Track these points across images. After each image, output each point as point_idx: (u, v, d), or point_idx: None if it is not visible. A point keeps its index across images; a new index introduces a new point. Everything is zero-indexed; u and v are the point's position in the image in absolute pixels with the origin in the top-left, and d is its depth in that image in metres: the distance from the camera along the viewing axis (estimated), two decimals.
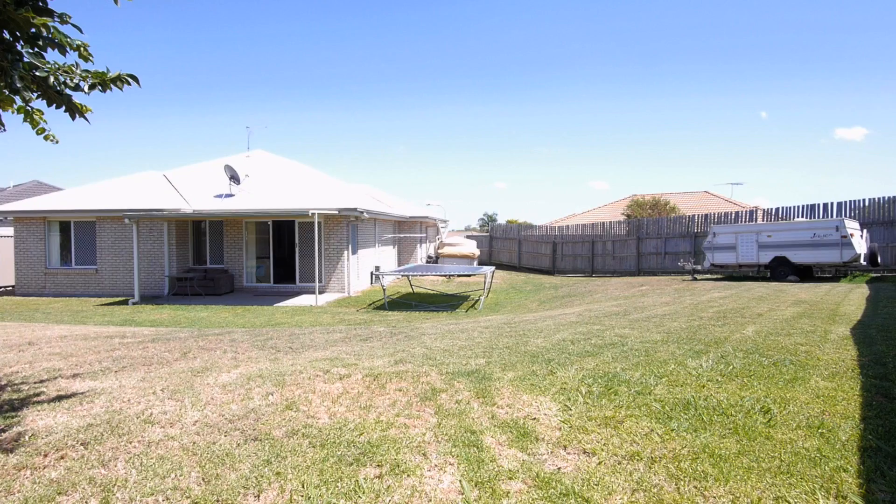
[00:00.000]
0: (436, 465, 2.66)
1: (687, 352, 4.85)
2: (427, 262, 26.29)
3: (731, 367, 4.27)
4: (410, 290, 17.64)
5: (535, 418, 3.25)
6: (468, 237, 31.41)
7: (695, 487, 2.41)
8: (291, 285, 17.02)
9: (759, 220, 18.56)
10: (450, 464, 2.68)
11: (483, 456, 2.74)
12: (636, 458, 2.70)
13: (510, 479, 2.52)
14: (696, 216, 20.19)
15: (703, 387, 3.77)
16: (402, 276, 17.99)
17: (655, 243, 20.86)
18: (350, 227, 16.79)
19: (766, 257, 15.05)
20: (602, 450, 2.80)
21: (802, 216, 17.10)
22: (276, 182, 19.25)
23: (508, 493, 2.39)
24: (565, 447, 2.85)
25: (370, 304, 14.53)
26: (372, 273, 19.03)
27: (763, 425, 3.06)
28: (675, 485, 2.43)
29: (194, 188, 18.32)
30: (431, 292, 17.45)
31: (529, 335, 6.10)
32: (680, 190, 35.50)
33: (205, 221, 17.23)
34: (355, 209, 15.57)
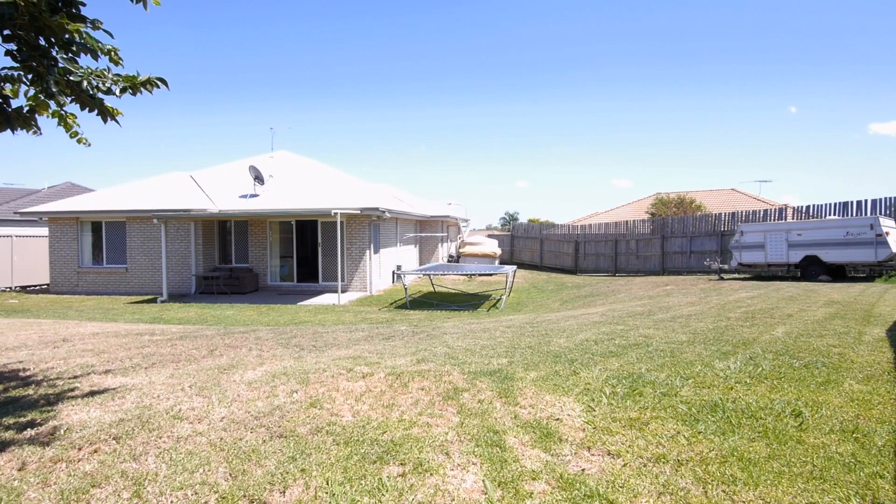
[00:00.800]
0: (459, 465, 2.66)
1: (714, 353, 4.76)
2: (448, 261, 26.31)
3: (760, 368, 4.18)
4: (432, 290, 17.68)
5: (558, 419, 3.22)
6: (489, 236, 31.34)
7: (723, 492, 2.36)
8: (314, 284, 17.21)
9: (789, 219, 18.10)
10: (472, 463, 2.67)
11: (506, 456, 2.73)
12: (662, 460, 2.66)
13: (533, 479, 2.50)
14: (723, 214, 19.77)
15: (731, 389, 3.70)
16: (424, 275, 18.05)
17: (680, 242, 20.50)
18: (372, 226, 16.90)
19: (796, 256, 14.66)
20: (627, 451, 2.76)
21: (835, 214, 16.61)
22: (299, 182, 19.49)
23: (532, 493, 2.38)
24: (589, 448, 2.82)
25: (392, 303, 14.61)
26: (394, 272, 19.12)
27: (794, 429, 2.99)
28: (703, 488, 2.39)
29: (220, 188, 18.66)
30: (453, 291, 17.46)
31: (552, 335, 6.06)
32: (706, 188, 34.82)
33: (230, 221, 17.54)
34: (377, 209, 15.66)
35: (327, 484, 2.48)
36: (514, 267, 17.76)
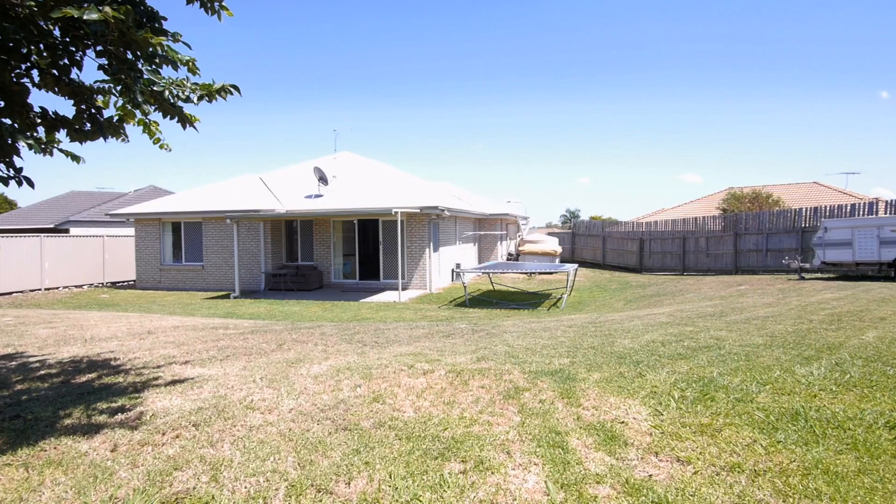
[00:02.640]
0: (520, 465, 2.64)
1: (794, 357, 4.45)
2: (508, 259, 26.13)
3: (847, 375, 3.86)
4: (491, 288, 17.62)
5: (623, 422, 3.12)
6: (550, 234, 30.84)
7: None
8: (376, 282, 17.59)
9: (881, 213, 16.62)
10: (534, 464, 2.64)
11: (569, 458, 2.68)
12: (737, 469, 2.52)
13: (598, 483, 2.44)
14: (804, 209, 18.44)
15: (815, 396, 3.44)
16: (483, 273, 18.02)
17: (756, 239, 19.31)
18: (431, 224, 17.06)
19: (889, 254, 13.45)
20: (698, 459, 2.64)
21: None
22: (361, 182, 19.98)
23: (596, 497, 2.32)
24: (657, 454, 2.72)
25: (451, 301, 14.69)
26: (453, 270, 19.22)
27: (888, 442, 2.74)
28: (783, 502, 2.24)
29: (287, 189, 19.44)
30: (512, 290, 17.32)
31: (616, 335, 5.88)
32: (784, 181, 32.61)
33: (296, 221, 18.24)
34: (436, 207, 15.78)
35: (390, 477, 2.52)
36: (576, 265, 17.38)
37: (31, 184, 3.38)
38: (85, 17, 2.60)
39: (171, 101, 3.54)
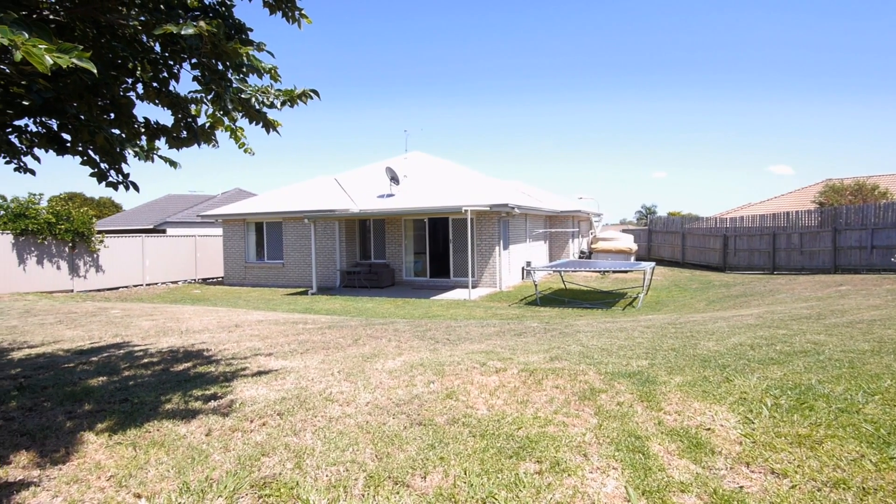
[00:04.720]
0: (598, 468, 2.56)
1: None
2: (580, 257, 25.49)
3: None
4: (563, 286, 17.27)
5: (709, 429, 2.95)
6: (624, 231, 29.73)
7: None
8: (446, 279, 17.75)
9: None
10: (613, 468, 2.56)
11: (650, 464, 2.57)
12: (841, 486, 2.31)
13: (682, 492, 2.32)
14: None
15: None
16: (554, 271, 17.68)
17: (858, 235, 17.60)
18: (501, 222, 16.96)
19: None
20: (796, 472, 2.44)
21: None
22: (431, 181, 20.22)
23: None
24: (748, 464, 2.54)
25: (522, 300, 14.54)
26: (523, 268, 19.01)
27: None
28: None
29: (360, 189, 20.06)
30: (584, 289, 16.88)
31: (698, 337, 5.57)
32: (892, 171, 29.49)
33: (369, 220, 18.77)
34: (506, 205, 15.67)
35: (465, 474, 2.53)
36: (653, 263, 16.65)
37: (136, 188, 3.70)
38: (182, 32, 2.81)
39: (257, 107, 3.74)
